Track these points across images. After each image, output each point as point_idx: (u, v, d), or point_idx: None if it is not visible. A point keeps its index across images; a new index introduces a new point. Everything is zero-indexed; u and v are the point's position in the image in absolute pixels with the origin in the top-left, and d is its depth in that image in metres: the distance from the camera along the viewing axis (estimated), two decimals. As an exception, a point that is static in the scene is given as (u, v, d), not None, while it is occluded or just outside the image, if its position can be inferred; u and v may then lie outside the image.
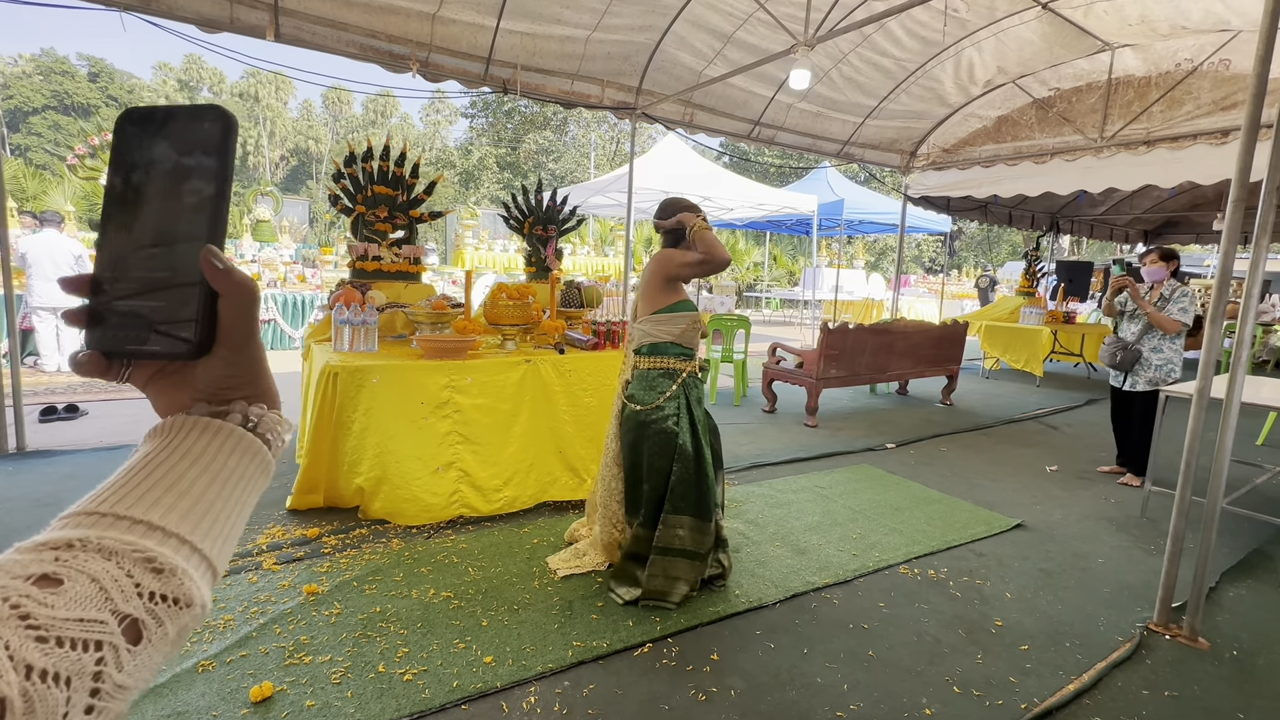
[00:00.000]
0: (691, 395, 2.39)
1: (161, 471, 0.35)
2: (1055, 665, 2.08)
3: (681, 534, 2.30)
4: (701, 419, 2.41)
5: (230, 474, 0.38)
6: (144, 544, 0.32)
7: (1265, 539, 3.15)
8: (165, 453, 0.36)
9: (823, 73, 5.67)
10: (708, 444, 2.40)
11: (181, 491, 0.35)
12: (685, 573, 2.32)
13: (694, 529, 2.31)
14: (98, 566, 0.30)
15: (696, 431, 2.36)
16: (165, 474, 0.35)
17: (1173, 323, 3.77)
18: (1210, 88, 5.11)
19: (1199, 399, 2.27)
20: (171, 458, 0.36)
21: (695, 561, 2.33)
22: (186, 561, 0.33)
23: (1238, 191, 2.20)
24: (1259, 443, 5.04)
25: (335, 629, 2.09)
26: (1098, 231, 11.29)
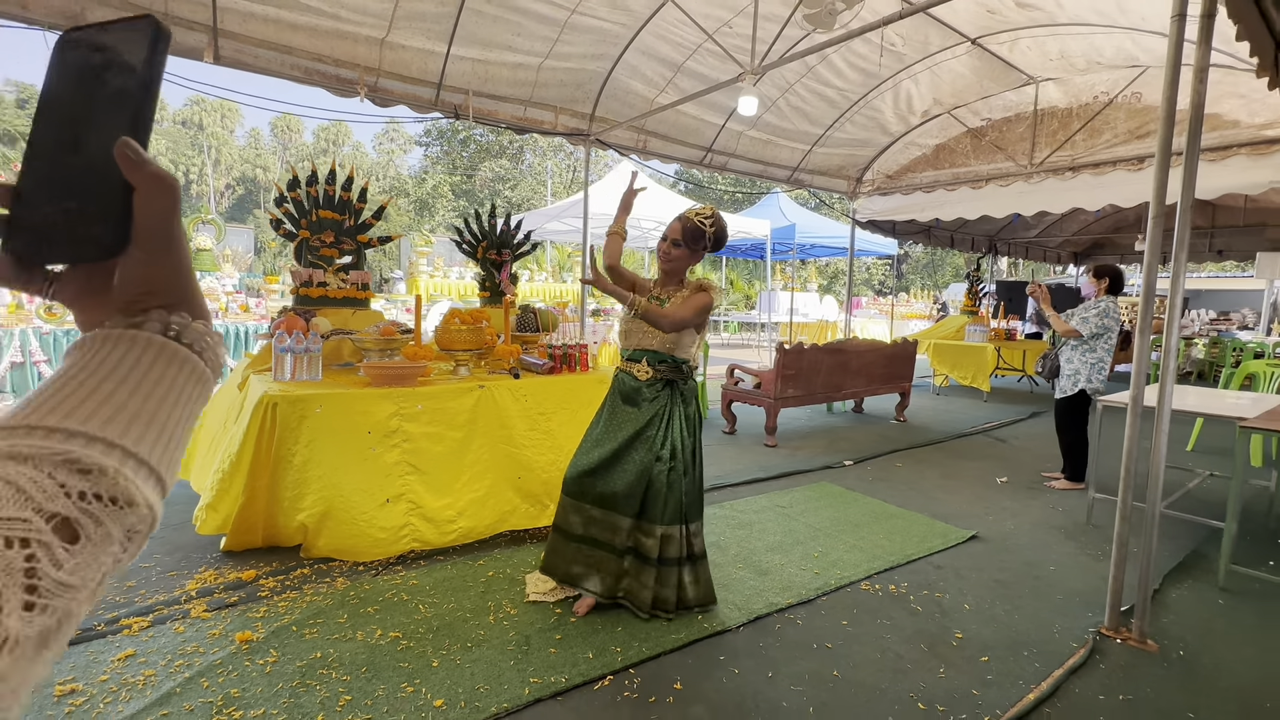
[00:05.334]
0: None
1: (75, 384, 0.33)
2: (1015, 675, 2.09)
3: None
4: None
5: (155, 383, 0.35)
6: (63, 447, 0.31)
7: (1201, 540, 3.29)
8: (77, 368, 0.34)
9: (770, 102, 5.86)
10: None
11: (100, 399, 0.33)
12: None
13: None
14: (10, 470, 0.29)
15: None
16: (79, 386, 0.33)
17: (1064, 327, 4.02)
18: (1125, 118, 5.50)
19: (1134, 406, 2.37)
20: (83, 372, 0.34)
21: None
22: (120, 464, 0.32)
23: (1155, 213, 2.33)
24: (1189, 448, 5.31)
25: (270, 679, 1.93)
26: (1032, 253, 11.93)
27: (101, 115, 0.37)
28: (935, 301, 17.99)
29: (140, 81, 0.37)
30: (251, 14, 3.81)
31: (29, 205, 0.37)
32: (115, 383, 0.34)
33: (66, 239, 0.37)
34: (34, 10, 3.32)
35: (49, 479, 0.30)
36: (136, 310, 0.38)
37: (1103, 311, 3.98)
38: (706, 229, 2.30)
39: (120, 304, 0.38)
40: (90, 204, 0.37)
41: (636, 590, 2.33)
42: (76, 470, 0.30)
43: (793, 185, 7.45)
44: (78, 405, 0.32)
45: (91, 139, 0.37)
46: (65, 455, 0.30)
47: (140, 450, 0.33)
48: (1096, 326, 3.95)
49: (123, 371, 0.34)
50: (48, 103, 0.38)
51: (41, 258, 0.38)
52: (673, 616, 2.34)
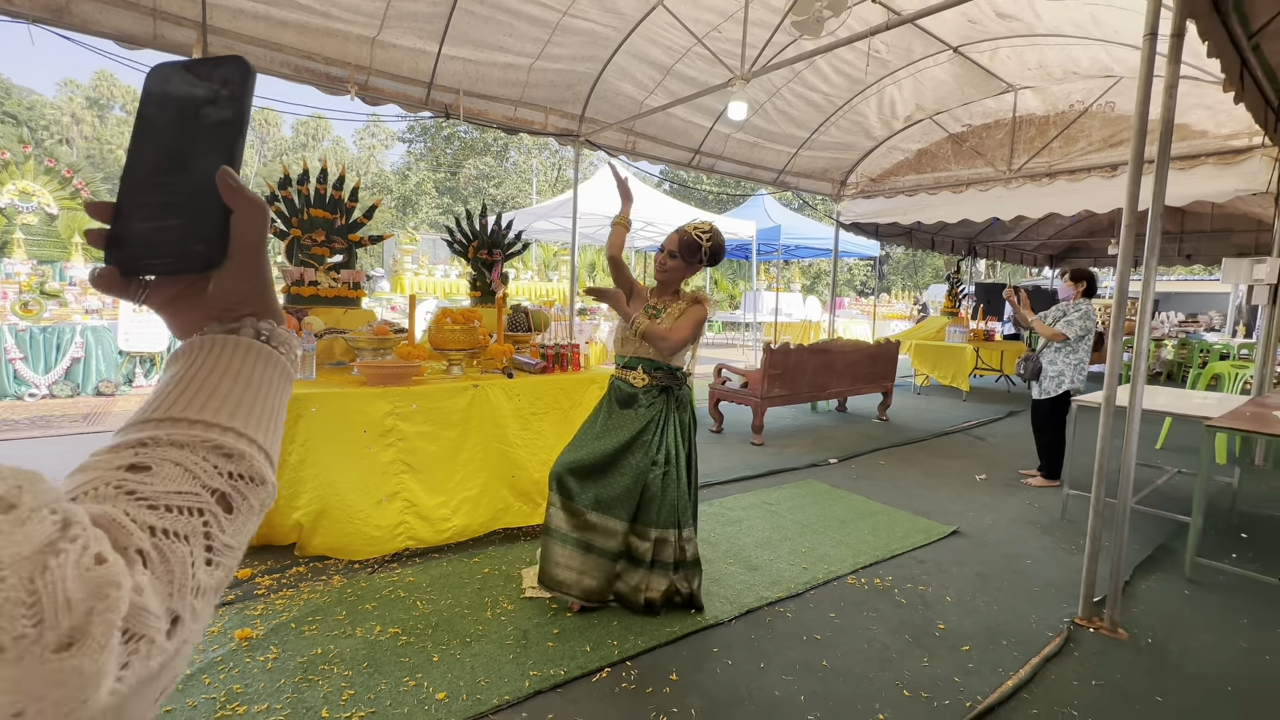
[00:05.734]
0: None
1: (197, 383, 0.39)
2: (995, 663, 2.19)
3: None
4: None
5: (257, 380, 0.41)
6: (208, 435, 0.37)
7: (1169, 534, 3.43)
8: (194, 368, 0.40)
9: (758, 105, 5.94)
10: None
11: (222, 396, 0.39)
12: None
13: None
14: (176, 454, 0.35)
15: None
16: (201, 384, 0.39)
17: (1049, 331, 4.13)
18: (1100, 126, 5.67)
19: (1107, 405, 2.48)
20: (201, 372, 0.39)
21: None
22: (248, 447, 0.38)
23: (1128, 219, 2.44)
24: (1158, 446, 5.50)
25: (272, 675, 1.95)
26: (1010, 256, 12.19)
27: (201, 145, 0.41)
28: (916, 303, 18.33)
29: (235, 116, 0.42)
30: (241, 10, 3.78)
31: (131, 221, 0.41)
32: (231, 381, 0.40)
33: (170, 252, 0.41)
34: (18, 2, 3.27)
35: (204, 461, 0.35)
36: (231, 317, 0.43)
37: (1084, 314, 4.12)
38: (703, 243, 2.36)
39: (215, 311, 0.43)
40: (193, 222, 0.41)
41: (628, 593, 2.37)
42: (223, 454, 0.37)
43: (779, 187, 7.55)
44: (207, 401, 0.38)
45: (193, 165, 0.41)
46: (214, 442, 0.36)
47: (259, 438, 0.39)
48: (1081, 329, 4.09)
49: (234, 372, 0.40)
50: (147, 129, 0.42)
51: (143, 268, 0.42)
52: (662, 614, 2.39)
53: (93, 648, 0.25)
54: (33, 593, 0.24)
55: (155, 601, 0.29)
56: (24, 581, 0.24)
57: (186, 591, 0.31)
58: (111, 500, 0.31)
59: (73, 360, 6.22)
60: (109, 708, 0.25)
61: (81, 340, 6.28)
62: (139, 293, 0.43)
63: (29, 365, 5.98)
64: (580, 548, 2.34)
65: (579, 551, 2.33)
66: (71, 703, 0.24)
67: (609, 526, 2.32)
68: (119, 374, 6.59)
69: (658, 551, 2.36)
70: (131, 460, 0.34)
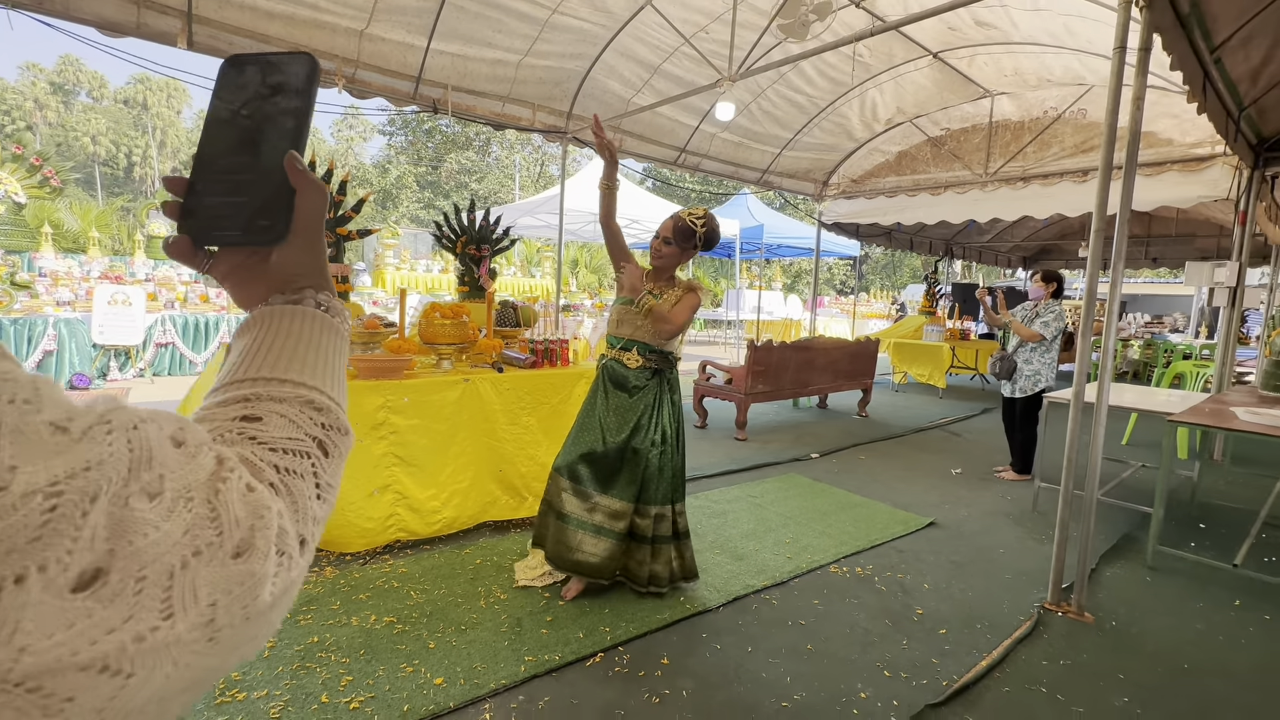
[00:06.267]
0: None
1: (278, 348, 0.43)
2: (969, 645, 2.29)
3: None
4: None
5: (325, 345, 0.45)
6: (298, 392, 0.41)
7: (1133, 525, 3.60)
8: (270, 335, 0.43)
9: (743, 105, 6.02)
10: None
11: (301, 358, 0.43)
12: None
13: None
14: (278, 408, 0.39)
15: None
16: (282, 349, 0.43)
17: (1028, 332, 4.27)
18: (1072, 133, 5.86)
19: (1076, 402, 2.60)
20: (279, 338, 0.43)
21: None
22: (330, 403, 0.42)
23: (1098, 223, 2.56)
24: (1124, 442, 5.72)
25: (269, 663, 1.98)
26: (985, 257, 12.49)
27: (272, 129, 0.45)
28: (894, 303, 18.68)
29: (302, 105, 0.45)
30: (227, 0, 3.75)
31: (203, 196, 0.44)
32: (305, 346, 0.44)
33: (239, 226, 0.44)
34: (-3, -12, 3.21)
35: (302, 414, 0.40)
36: (292, 289, 0.46)
37: (1059, 315, 4.28)
38: (697, 228, 2.43)
39: (278, 283, 0.46)
40: (261, 200, 0.44)
41: (633, 568, 2.46)
42: (314, 408, 0.41)
43: (762, 187, 7.65)
44: (290, 363, 0.42)
45: (262, 148, 0.45)
46: (305, 398, 0.41)
47: (335, 395, 0.44)
48: (1055, 329, 4.25)
49: (307, 338, 0.44)
50: (221, 113, 0.45)
51: (213, 239, 0.45)
52: (665, 591, 2.48)
53: (258, 556, 0.30)
54: (214, 510, 0.29)
55: (290, 525, 0.34)
56: (206, 501, 0.29)
57: (308, 519, 0.36)
58: (237, 444, 0.36)
59: (45, 353, 6.08)
60: (267, 605, 0.31)
61: (54, 333, 6.15)
62: (204, 262, 0.46)
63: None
64: (592, 531, 2.41)
65: (590, 535, 2.40)
66: (247, 598, 0.30)
67: (616, 509, 2.40)
68: (93, 367, 6.46)
69: (657, 527, 2.45)
70: (243, 412, 0.38)
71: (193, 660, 0.27)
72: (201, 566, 0.28)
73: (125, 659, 0.25)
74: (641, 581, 2.46)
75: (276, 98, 0.45)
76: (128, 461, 0.26)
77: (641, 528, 2.43)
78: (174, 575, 0.27)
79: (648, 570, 2.45)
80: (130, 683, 0.25)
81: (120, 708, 0.25)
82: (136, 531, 0.25)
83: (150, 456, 0.27)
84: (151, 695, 0.26)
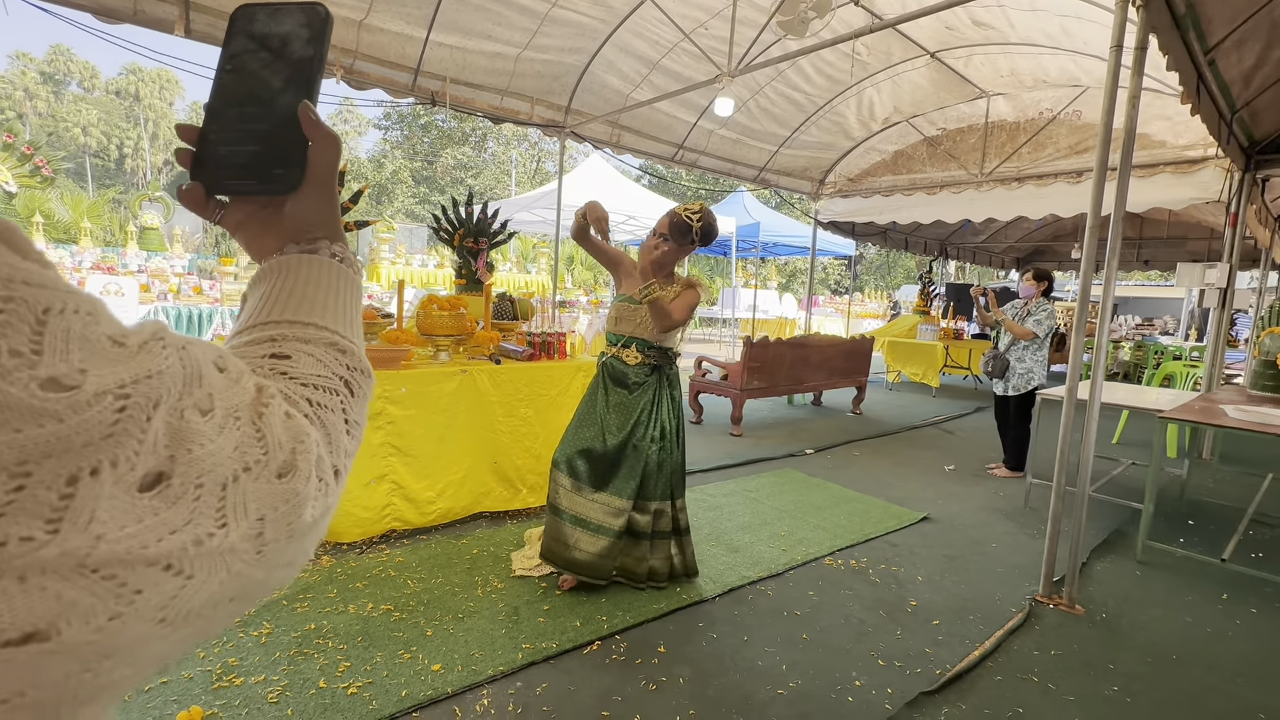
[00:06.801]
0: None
1: (299, 293, 0.43)
2: (962, 636, 2.32)
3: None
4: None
5: (343, 292, 0.45)
6: (321, 334, 0.41)
7: (1123, 520, 3.64)
8: (289, 281, 0.43)
9: (742, 103, 6.03)
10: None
11: (322, 304, 0.43)
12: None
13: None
14: (305, 348, 0.40)
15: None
16: (303, 294, 0.43)
17: (1023, 330, 4.31)
18: (1067, 134, 5.91)
19: (1069, 399, 2.63)
20: (299, 285, 0.43)
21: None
22: (352, 345, 0.43)
23: (1092, 222, 2.58)
24: (1114, 440, 5.78)
25: (267, 649, 1.98)
26: (979, 258, 12.56)
27: (284, 79, 0.44)
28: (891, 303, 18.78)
29: (315, 54, 0.44)
30: (225, -12, 3.73)
31: (217, 145, 0.44)
32: (325, 292, 0.44)
33: (252, 175, 0.44)
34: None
35: (328, 354, 0.41)
36: (307, 239, 0.46)
37: (1050, 313, 4.32)
38: (694, 224, 2.43)
39: (292, 234, 0.46)
40: (274, 149, 0.44)
41: (630, 566, 2.46)
42: (338, 350, 0.42)
43: (759, 184, 7.67)
44: (312, 308, 0.43)
45: (275, 97, 0.44)
46: (328, 339, 0.41)
47: (355, 340, 0.44)
48: (1048, 328, 4.28)
49: (325, 285, 0.44)
50: (232, 62, 0.44)
51: (225, 188, 0.45)
52: (664, 587, 2.48)
53: (301, 477, 0.32)
54: (259, 430, 0.30)
55: (326, 454, 0.35)
56: (251, 422, 0.30)
57: (340, 451, 0.37)
58: (270, 378, 0.36)
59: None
60: (308, 525, 0.33)
61: (46, 322, 6.09)
62: (215, 212, 0.46)
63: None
64: (588, 528, 2.40)
65: (587, 532, 2.40)
66: (292, 515, 0.31)
67: (614, 505, 2.40)
68: (85, 358, 6.41)
69: (656, 522, 2.45)
70: (272, 350, 0.39)
71: (243, 570, 0.29)
72: (250, 482, 0.29)
73: (186, 560, 0.26)
74: (640, 578, 2.46)
75: (289, 47, 0.44)
76: (182, 377, 0.27)
77: (640, 524, 2.43)
78: (227, 487, 0.28)
79: (646, 566, 2.45)
80: (190, 584, 0.26)
81: (180, 607, 0.26)
82: (194, 441, 0.26)
83: (200, 375, 0.28)
84: (207, 599, 0.27)
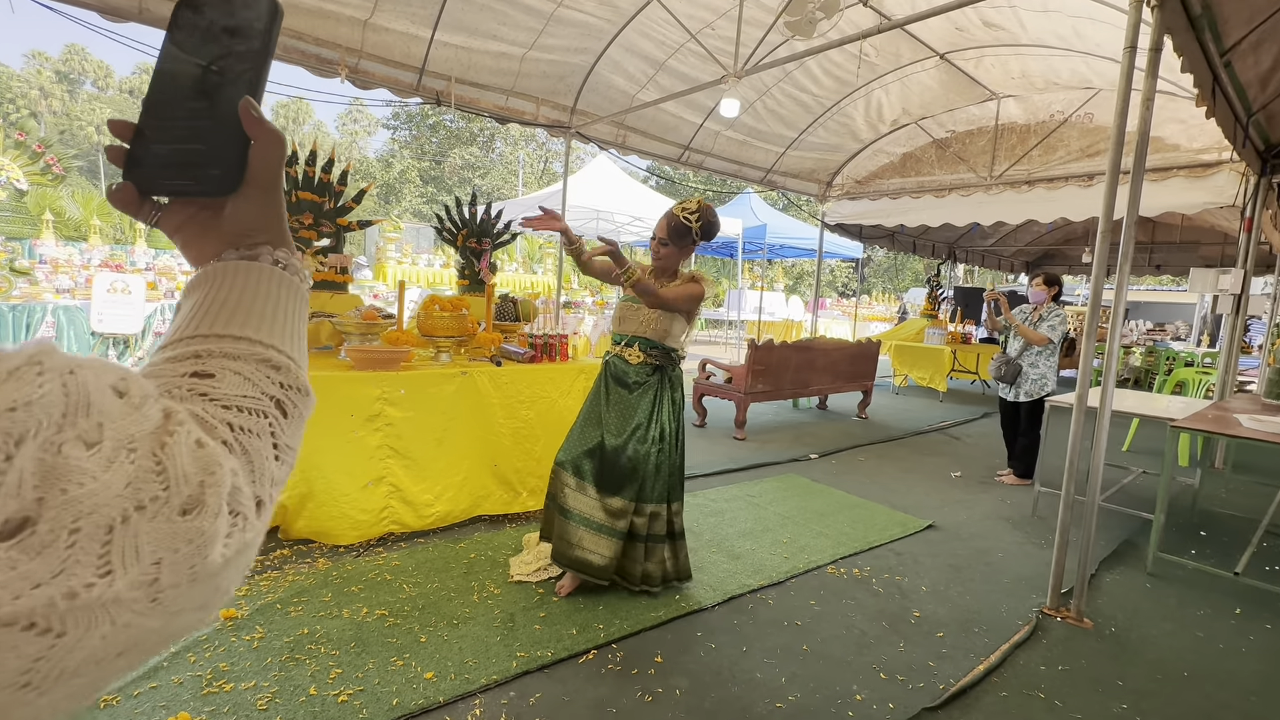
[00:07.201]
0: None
1: (232, 303, 0.40)
2: (967, 649, 2.27)
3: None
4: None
5: (284, 303, 0.42)
6: (254, 349, 0.38)
7: (1134, 531, 3.57)
8: (223, 291, 0.40)
9: (748, 104, 5.99)
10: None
11: (258, 315, 0.40)
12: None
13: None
14: (233, 365, 0.37)
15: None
16: (237, 304, 0.40)
17: (1038, 336, 4.23)
18: (1078, 137, 5.83)
19: (1079, 405, 2.57)
20: (233, 293, 0.40)
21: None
22: (289, 361, 0.40)
23: (1104, 227, 2.53)
24: (1124, 448, 5.69)
25: (258, 654, 1.96)
26: (988, 261, 12.45)
27: (227, 74, 0.41)
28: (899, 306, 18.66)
29: (261, 48, 0.42)
30: (231, -13, 3.72)
31: (152, 142, 0.41)
32: (262, 302, 0.41)
33: (188, 175, 0.41)
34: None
35: (258, 371, 0.38)
36: (247, 244, 0.43)
37: (1063, 319, 4.25)
38: (692, 224, 2.38)
39: (231, 238, 0.43)
40: (213, 148, 0.41)
41: (627, 567, 2.43)
42: (271, 366, 0.39)
43: (766, 186, 7.62)
44: (246, 319, 0.39)
45: (216, 93, 0.41)
46: (261, 355, 0.39)
47: (294, 355, 0.41)
48: (1061, 334, 4.22)
49: (264, 294, 0.41)
50: (173, 54, 0.41)
51: (160, 189, 0.42)
52: (658, 591, 2.45)
53: (209, 514, 0.29)
54: (159, 463, 0.27)
55: (246, 485, 0.32)
56: (151, 454, 0.27)
57: (265, 480, 0.34)
58: (188, 400, 0.34)
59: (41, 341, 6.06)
60: (218, 566, 0.30)
61: (52, 320, 6.12)
62: (152, 214, 0.43)
63: (-3, 344, 5.81)
64: (594, 528, 2.37)
65: (592, 532, 2.37)
66: (195, 557, 0.28)
67: (617, 507, 2.37)
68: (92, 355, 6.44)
69: (652, 525, 2.42)
70: (194, 368, 0.36)
71: (133, 621, 0.26)
72: (145, 521, 0.26)
73: (55, 616, 0.23)
74: (635, 580, 2.44)
75: (234, 40, 0.42)
76: (62, 406, 0.24)
77: (637, 526, 2.41)
78: (114, 529, 0.25)
79: (640, 569, 2.42)
80: (61, 642, 0.23)
81: (49, 670, 0.23)
82: (70, 480, 0.24)
83: (88, 403, 0.25)
84: (86, 657, 0.24)
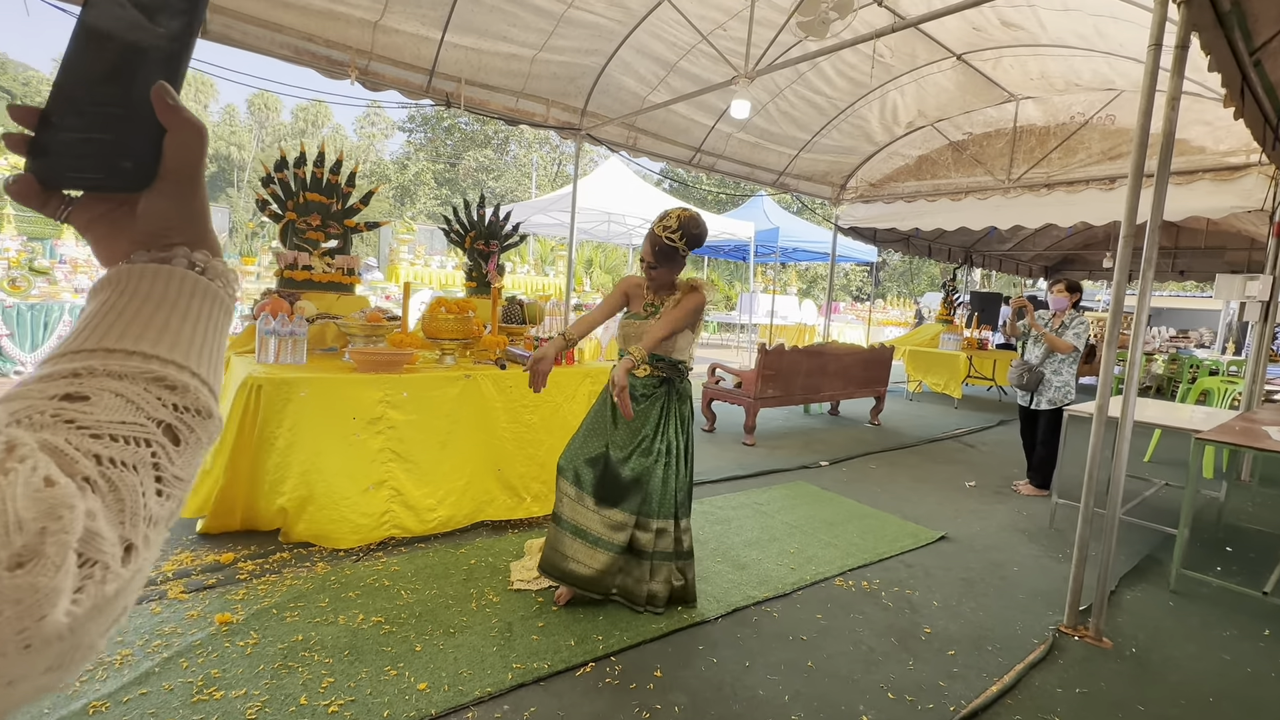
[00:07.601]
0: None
1: (130, 313, 0.36)
2: (979, 668, 2.18)
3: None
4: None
5: (195, 313, 0.38)
6: (148, 366, 0.34)
7: (1156, 546, 3.45)
8: (126, 298, 0.36)
9: (760, 105, 5.93)
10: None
11: (159, 327, 0.36)
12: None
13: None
14: (115, 385, 0.33)
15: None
16: (135, 314, 0.36)
17: (1065, 344, 4.11)
18: (1099, 139, 5.69)
19: (1099, 415, 2.48)
20: (134, 302, 0.36)
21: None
22: (191, 380, 0.36)
23: (1127, 232, 2.43)
24: (1146, 459, 5.53)
25: (251, 660, 1.93)
26: (1005, 266, 12.25)
27: (140, 57, 0.38)
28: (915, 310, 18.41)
29: (182, 30, 0.38)
30: (242, -11, 3.74)
31: (57, 131, 0.37)
32: (167, 312, 0.37)
33: (96, 168, 0.38)
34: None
35: (146, 392, 0.34)
36: (161, 245, 0.39)
37: (1086, 326, 4.15)
38: (677, 244, 2.29)
39: (143, 237, 0.39)
40: (123, 138, 0.38)
41: (630, 586, 2.37)
42: (165, 386, 0.35)
43: (779, 189, 7.55)
44: (143, 331, 0.35)
45: (128, 78, 0.38)
46: (155, 374, 0.34)
47: (201, 371, 0.37)
48: (1085, 340, 4.11)
49: (170, 302, 0.37)
50: (86, 33, 0.38)
51: (66, 182, 0.39)
52: (662, 612, 2.37)
53: (48, 567, 0.25)
54: None
55: (108, 528, 0.28)
56: None
57: (139, 520, 0.30)
58: (50, 429, 0.29)
59: (59, 339, 6.14)
60: (64, 628, 0.25)
61: (69, 319, 6.21)
62: (60, 209, 0.39)
63: (15, 342, 5.90)
64: (589, 540, 2.32)
65: (586, 544, 2.32)
66: (27, 619, 0.24)
67: (617, 520, 2.31)
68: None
69: (658, 542, 2.35)
70: (67, 390, 0.32)
71: None
72: None
73: None
74: (640, 600, 2.36)
75: (154, 19, 0.38)
76: None
77: (643, 541, 2.34)
78: None
79: (646, 589, 2.35)
80: None
81: None
82: None
83: None
84: None
